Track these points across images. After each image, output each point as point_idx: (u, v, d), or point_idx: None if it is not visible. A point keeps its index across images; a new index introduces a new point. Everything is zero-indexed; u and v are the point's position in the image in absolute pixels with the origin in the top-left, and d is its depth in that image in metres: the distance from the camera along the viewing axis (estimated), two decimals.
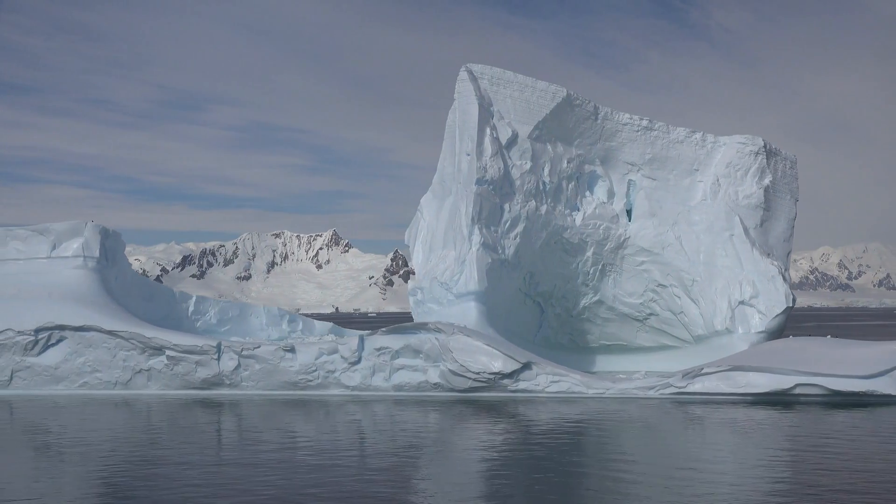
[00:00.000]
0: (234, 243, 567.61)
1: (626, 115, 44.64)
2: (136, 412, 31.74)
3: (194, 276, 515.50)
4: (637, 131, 44.74)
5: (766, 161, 45.24)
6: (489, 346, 33.69)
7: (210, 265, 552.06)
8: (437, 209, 42.28)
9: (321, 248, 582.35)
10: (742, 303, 42.15)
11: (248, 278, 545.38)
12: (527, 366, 33.55)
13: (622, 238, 44.45)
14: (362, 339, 35.19)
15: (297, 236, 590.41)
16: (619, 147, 44.80)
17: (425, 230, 42.49)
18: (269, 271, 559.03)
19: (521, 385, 33.44)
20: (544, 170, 42.98)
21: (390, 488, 17.87)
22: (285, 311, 47.53)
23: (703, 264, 43.50)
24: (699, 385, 32.27)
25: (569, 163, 43.84)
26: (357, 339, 35.17)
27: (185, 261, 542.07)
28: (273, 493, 17.49)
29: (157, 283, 44.48)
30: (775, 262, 42.97)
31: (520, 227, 41.53)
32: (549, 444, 23.11)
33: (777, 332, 41.90)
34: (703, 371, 32.57)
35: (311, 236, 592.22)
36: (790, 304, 41.54)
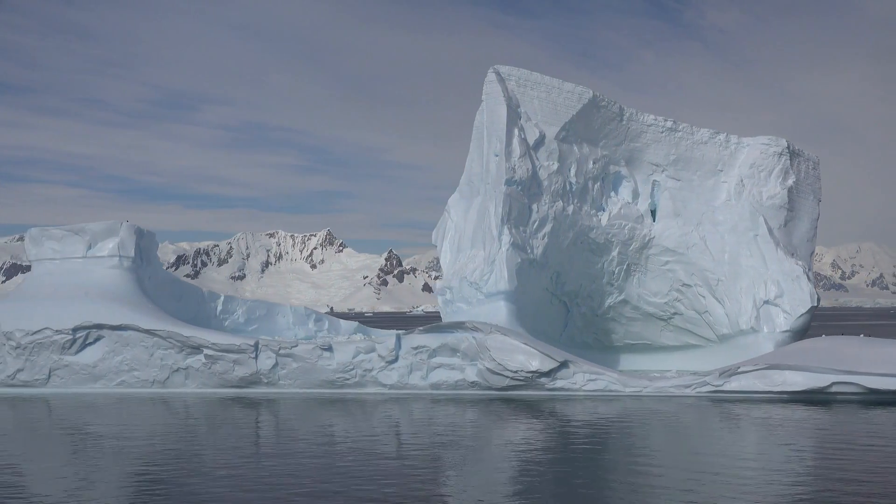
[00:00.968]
0: (229, 243, 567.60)
1: (651, 116, 45.05)
2: (173, 410, 31.98)
3: (188, 275, 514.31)
4: (661, 132, 45.17)
5: (789, 162, 45.71)
6: (527, 344, 34.03)
7: (204, 265, 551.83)
8: (465, 209, 42.55)
9: (315, 248, 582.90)
10: (767, 302, 42.52)
11: (242, 278, 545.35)
12: (564, 364, 33.89)
13: (647, 238, 44.85)
14: (399, 338, 35.49)
15: (292, 236, 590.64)
16: (644, 148, 45.23)
17: (453, 230, 42.77)
18: (263, 271, 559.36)
19: (559, 384, 33.79)
20: (571, 170, 43.37)
21: (427, 485, 18.04)
22: (311, 310, 47.82)
23: (728, 264, 43.91)
24: (735, 383, 32.66)
25: (594, 163, 44.24)
26: (394, 337, 35.47)
27: (180, 260, 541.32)
28: (309, 490, 17.61)
29: (187, 282, 44.69)
30: (799, 262, 43.40)
31: (547, 228, 41.90)
32: (587, 442, 23.26)
33: (801, 331, 42.34)
34: (739, 369, 32.96)
35: (306, 236, 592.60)
36: (815, 304, 41.98)
